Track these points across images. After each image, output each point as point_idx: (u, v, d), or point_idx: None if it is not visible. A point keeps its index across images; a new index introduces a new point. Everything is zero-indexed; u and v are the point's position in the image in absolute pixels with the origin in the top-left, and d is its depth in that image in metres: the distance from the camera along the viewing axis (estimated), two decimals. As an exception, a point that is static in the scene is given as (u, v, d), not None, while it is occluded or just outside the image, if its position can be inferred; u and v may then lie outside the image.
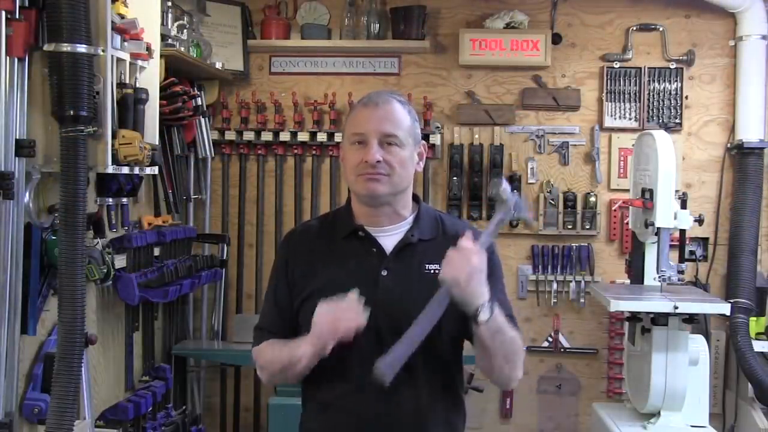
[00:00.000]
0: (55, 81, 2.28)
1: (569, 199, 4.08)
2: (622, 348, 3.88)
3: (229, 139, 4.12)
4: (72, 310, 2.28)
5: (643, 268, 3.50)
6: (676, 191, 3.36)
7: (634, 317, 3.35)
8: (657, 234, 3.32)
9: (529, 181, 4.12)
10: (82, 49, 2.26)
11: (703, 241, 4.09)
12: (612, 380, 4.08)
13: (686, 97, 4.08)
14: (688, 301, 3.19)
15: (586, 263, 4.08)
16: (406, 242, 1.92)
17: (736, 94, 4.03)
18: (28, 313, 2.37)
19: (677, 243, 3.42)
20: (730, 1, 3.93)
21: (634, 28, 4.10)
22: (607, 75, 4.09)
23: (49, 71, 2.30)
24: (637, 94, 4.08)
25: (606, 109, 4.09)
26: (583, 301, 4.09)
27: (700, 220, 3.44)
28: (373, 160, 1.84)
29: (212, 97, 4.08)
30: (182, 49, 3.44)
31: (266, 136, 4.11)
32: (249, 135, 4.11)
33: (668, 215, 3.30)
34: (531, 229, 4.10)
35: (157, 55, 2.97)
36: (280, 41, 4.15)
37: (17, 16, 2.26)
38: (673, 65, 4.07)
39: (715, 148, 4.10)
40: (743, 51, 3.98)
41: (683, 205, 3.36)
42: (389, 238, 1.93)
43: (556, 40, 4.09)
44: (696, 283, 3.99)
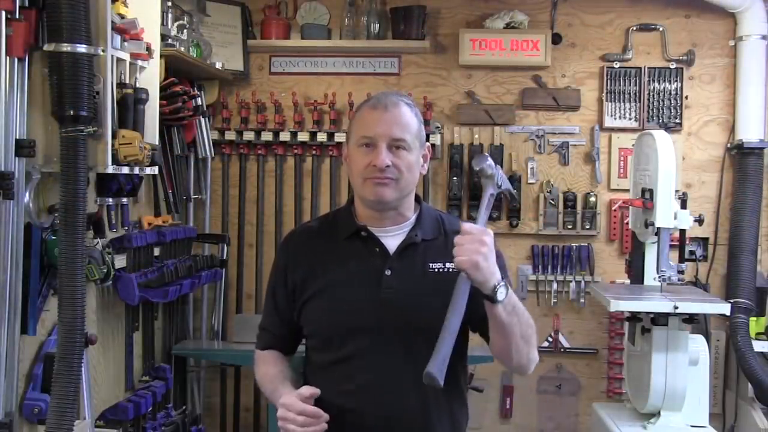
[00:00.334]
0: (55, 81, 2.27)
1: (569, 199, 4.08)
2: (622, 348, 3.88)
3: (229, 139, 4.12)
4: (72, 310, 2.28)
5: (643, 268, 3.50)
6: (676, 191, 3.36)
7: (634, 317, 3.35)
8: (657, 234, 3.32)
9: (529, 181, 4.12)
10: (82, 49, 2.26)
11: (703, 241, 4.09)
12: (612, 380, 4.08)
13: (686, 97, 4.08)
14: (688, 301, 3.19)
15: (586, 263, 4.08)
16: (409, 242, 1.93)
17: (736, 94, 4.03)
18: (28, 313, 2.37)
19: (677, 243, 3.42)
20: (730, 1, 3.93)
21: (634, 28, 4.10)
22: (607, 75, 4.09)
23: (49, 71, 2.30)
24: (637, 94, 4.08)
25: (606, 109, 4.09)
26: (583, 301, 4.10)
27: (700, 220, 3.44)
28: (382, 165, 1.85)
29: (212, 97, 4.08)
30: (182, 49, 3.44)
31: (266, 136, 4.11)
32: (249, 135, 4.11)
33: (668, 215, 3.30)
34: (531, 229, 4.11)
35: (157, 55, 2.97)
36: (280, 41, 4.15)
37: (17, 16, 2.26)
38: (673, 65, 4.07)
39: (715, 148, 4.10)
40: (743, 51, 3.98)
41: (683, 205, 3.36)
42: (392, 239, 1.93)
43: (556, 40, 4.09)
44: (696, 283, 3.99)
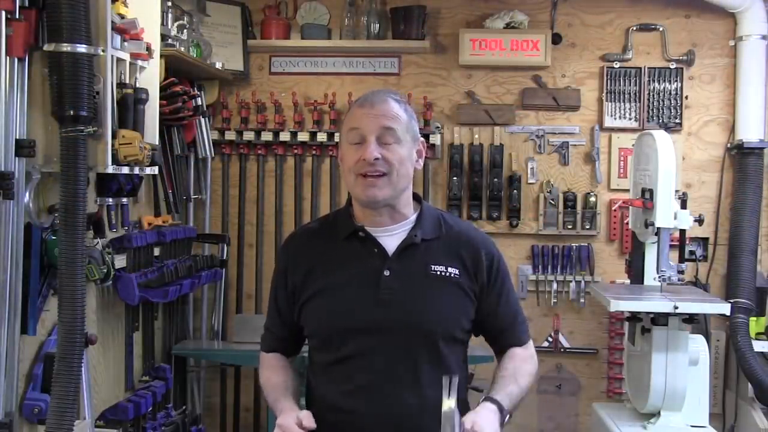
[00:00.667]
0: (55, 81, 2.27)
1: (569, 199, 4.08)
2: (622, 348, 3.88)
3: (229, 139, 4.12)
4: (72, 310, 2.28)
5: (643, 268, 3.50)
6: (676, 191, 3.36)
7: (634, 317, 3.35)
8: (657, 234, 3.32)
9: (529, 181, 4.12)
10: (82, 49, 2.26)
11: (703, 241, 4.09)
12: (612, 380, 4.08)
13: (686, 97, 4.08)
14: (688, 301, 3.18)
15: (586, 263, 4.08)
16: (409, 243, 1.92)
17: (736, 94, 4.03)
18: (28, 313, 2.37)
19: (677, 243, 3.42)
20: (730, 1, 3.93)
21: (634, 28, 4.10)
22: (607, 75, 4.09)
23: (49, 71, 2.30)
24: (637, 94, 4.08)
25: (606, 109, 4.09)
26: (583, 301, 4.09)
27: (700, 220, 3.44)
28: (371, 158, 1.83)
29: (212, 97, 4.08)
30: (182, 49, 3.44)
31: (266, 136, 4.11)
32: (249, 135, 4.11)
33: (668, 215, 3.30)
34: (531, 229, 4.11)
35: (157, 55, 2.97)
36: (280, 41, 4.15)
37: (17, 16, 2.26)
38: (673, 65, 4.07)
39: (715, 148, 4.10)
40: (743, 51, 3.98)
41: (683, 205, 3.35)
42: (391, 238, 1.92)
43: (556, 40, 4.09)
44: (696, 283, 3.99)
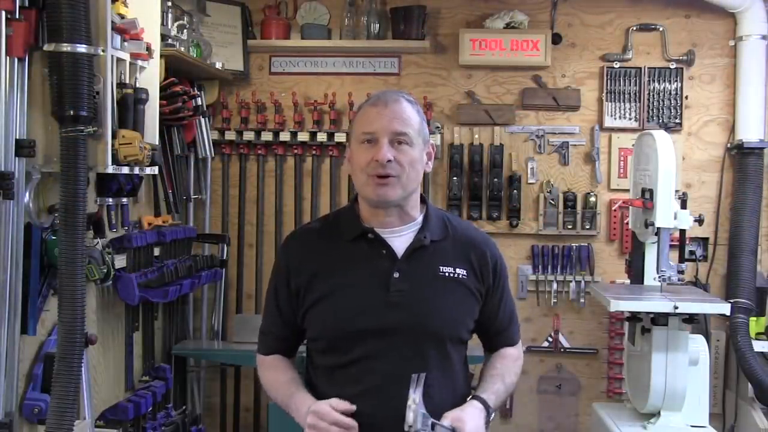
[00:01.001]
0: (55, 81, 2.28)
1: (569, 199, 4.08)
2: (622, 348, 3.88)
3: (229, 139, 4.12)
4: (72, 310, 2.28)
5: (643, 268, 3.50)
6: (676, 191, 3.36)
7: (634, 317, 3.35)
8: (657, 234, 3.32)
9: (529, 181, 4.12)
10: (82, 49, 2.26)
11: (703, 241, 4.09)
12: (612, 380, 4.08)
13: (686, 97, 4.08)
14: (688, 301, 3.18)
15: (586, 263, 4.08)
16: (418, 244, 1.91)
17: (736, 94, 4.03)
18: (28, 313, 2.37)
19: (677, 243, 3.42)
20: (730, 1, 3.93)
21: (634, 28, 4.10)
22: (607, 75, 4.09)
23: (49, 71, 2.30)
24: (637, 94, 4.08)
25: (606, 109, 4.09)
26: (583, 301, 4.09)
27: (700, 220, 3.44)
28: (384, 159, 1.82)
29: (212, 97, 4.08)
30: (182, 49, 3.44)
31: (266, 136, 4.11)
32: (249, 135, 4.11)
33: (668, 215, 3.30)
34: (531, 229, 4.11)
35: (157, 55, 2.97)
36: (280, 41, 4.15)
37: (17, 16, 2.26)
38: (673, 65, 4.07)
39: (715, 148, 4.10)
40: (743, 51, 3.98)
41: (683, 205, 3.35)
42: (399, 240, 1.92)
43: (556, 40, 4.09)
44: (696, 283, 3.99)
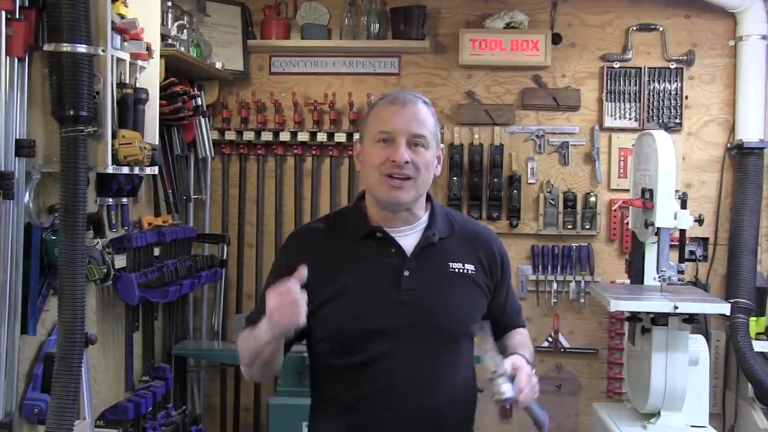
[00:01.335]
0: (55, 81, 2.28)
1: (569, 199, 4.08)
2: (622, 348, 3.88)
3: (229, 139, 4.13)
4: (72, 310, 2.28)
5: (643, 268, 3.50)
6: (676, 191, 3.36)
7: (634, 317, 3.35)
8: (657, 234, 3.32)
9: (529, 181, 4.12)
10: (82, 49, 2.26)
11: (703, 241, 4.09)
12: (612, 380, 4.08)
13: (686, 97, 4.08)
14: (688, 301, 3.18)
15: (586, 263, 4.08)
16: (427, 242, 1.90)
17: (736, 94, 4.03)
18: (28, 313, 2.37)
19: (677, 243, 3.42)
20: (730, 1, 3.93)
21: (634, 28, 4.10)
22: (607, 75, 4.09)
23: (49, 71, 2.30)
24: (637, 94, 4.09)
25: (606, 109, 4.09)
26: (583, 301, 4.09)
27: (700, 220, 3.44)
28: (401, 160, 1.81)
29: (212, 97, 4.08)
30: (182, 49, 3.44)
31: (266, 136, 4.11)
32: (249, 135, 4.11)
33: (668, 215, 3.30)
34: (531, 229, 4.11)
35: (157, 55, 2.97)
36: (280, 41, 4.15)
37: (17, 16, 2.26)
38: (673, 65, 4.07)
39: (715, 148, 4.10)
40: (743, 51, 3.98)
41: (683, 205, 3.36)
42: (406, 238, 1.90)
43: (556, 40, 4.09)
44: (696, 283, 3.99)
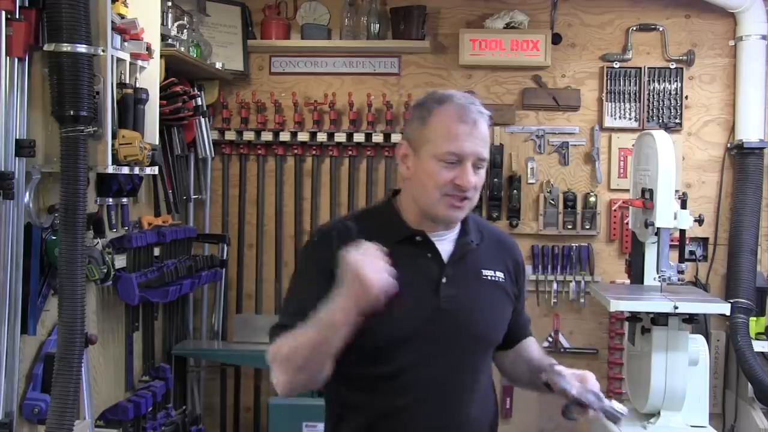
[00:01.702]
0: (55, 81, 2.28)
1: (569, 199, 4.08)
2: (622, 348, 3.88)
3: (229, 139, 4.12)
4: (72, 310, 2.29)
5: (643, 268, 3.50)
6: (676, 191, 3.36)
7: (634, 317, 3.35)
8: (657, 234, 3.32)
9: (529, 181, 4.12)
10: (82, 49, 2.26)
11: (703, 241, 4.09)
12: (612, 380, 4.08)
13: (686, 97, 4.08)
14: (688, 301, 3.18)
15: (586, 263, 4.08)
16: (466, 249, 1.83)
17: (736, 94, 4.03)
18: (28, 313, 2.37)
19: (677, 243, 3.42)
20: (730, 1, 3.93)
21: (634, 28, 4.10)
22: (607, 75, 4.09)
23: (49, 71, 2.30)
24: (637, 94, 4.09)
25: (606, 109, 4.09)
26: (583, 301, 4.10)
27: (700, 220, 3.44)
28: (470, 186, 1.72)
29: (212, 97, 4.08)
30: (182, 49, 3.44)
31: (266, 136, 4.11)
32: (249, 135, 4.11)
33: (668, 215, 3.30)
34: (531, 229, 4.11)
35: (157, 55, 2.97)
36: (280, 41, 4.15)
37: (17, 16, 2.26)
38: (673, 65, 4.07)
39: (715, 148, 4.10)
40: (743, 51, 3.98)
41: (683, 205, 3.36)
42: (442, 244, 1.82)
43: (556, 40, 4.09)
44: (696, 283, 4.00)
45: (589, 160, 4.11)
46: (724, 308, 3.27)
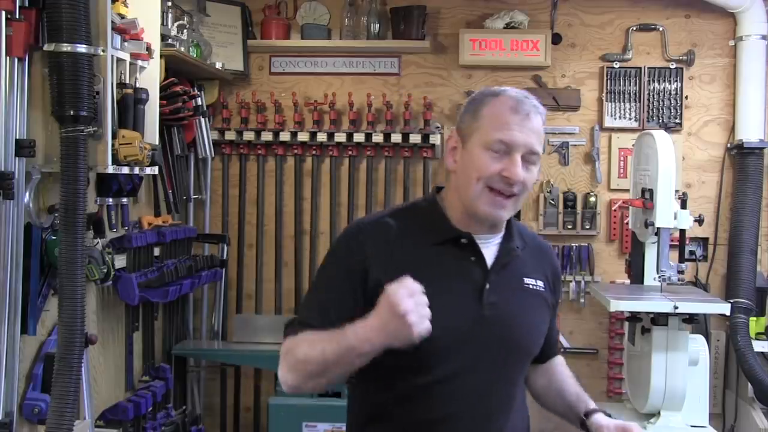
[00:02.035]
0: (55, 81, 2.28)
1: (569, 199, 4.08)
2: (622, 348, 3.88)
3: (229, 139, 4.12)
4: (72, 310, 2.29)
5: (643, 268, 3.50)
6: (676, 191, 3.36)
7: (634, 317, 3.35)
8: (657, 234, 3.32)
9: (529, 181, 4.11)
10: (82, 49, 2.26)
11: (703, 241, 4.09)
12: (612, 380, 4.08)
13: (686, 97, 4.08)
14: (688, 301, 3.18)
15: (586, 263, 4.08)
16: (512, 255, 1.73)
17: (736, 94, 4.03)
18: (28, 313, 2.37)
19: (677, 243, 3.42)
20: (730, 1, 3.93)
21: (634, 28, 4.10)
22: (607, 75, 4.09)
23: (49, 71, 2.30)
24: (637, 94, 4.09)
25: (606, 109, 4.09)
26: (583, 301, 4.10)
27: (700, 220, 3.44)
28: (517, 179, 1.62)
29: (212, 97, 4.08)
30: (182, 49, 3.44)
31: (266, 136, 4.11)
32: (249, 135, 4.11)
33: (668, 215, 3.30)
34: (531, 229, 4.10)
35: (157, 55, 2.97)
36: (280, 41, 4.15)
37: (17, 16, 2.26)
38: (673, 65, 4.07)
39: (715, 148, 4.10)
40: (743, 51, 3.98)
41: (683, 205, 3.35)
42: (486, 248, 1.72)
43: (556, 40, 4.09)
44: (696, 283, 3.99)
45: (589, 160, 4.11)
46: (724, 308, 3.27)
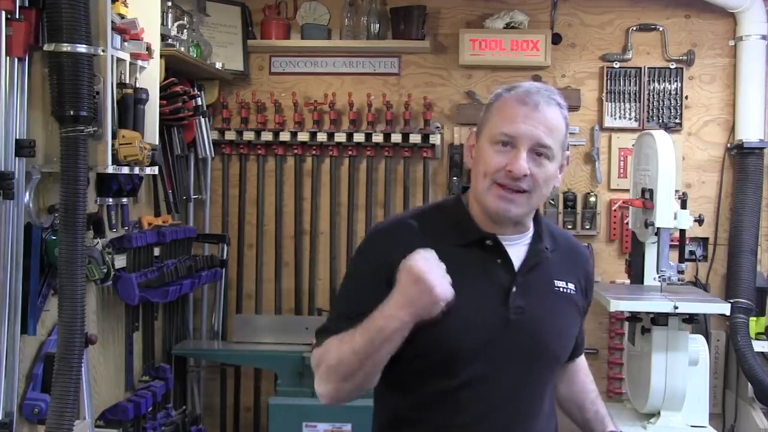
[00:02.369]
0: (55, 81, 2.28)
1: (569, 199, 4.08)
2: (622, 348, 3.88)
3: (229, 139, 4.12)
4: (72, 310, 2.28)
5: (643, 268, 3.50)
6: (676, 191, 3.36)
7: (634, 317, 3.35)
8: (657, 234, 3.32)
9: (529, 181, 4.11)
10: (82, 49, 2.26)
11: (703, 241, 4.09)
12: (612, 380, 4.08)
13: (686, 97, 4.08)
14: (688, 301, 3.18)
15: (586, 263, 4.07)
16: (540, 256, 1.67)
17: (736, 94, 4.03)
18: (28, 313, 2.37)
19: (677, 243, 3.42)
20: (730, 1, 3.93)
21: (634, 28, 4.10)
22: (607, 75, 4.09)
23: (49, 71, 2.30)
24: (637, 94, 4.09)
25: (606, 109, 4.09)
26: (583, 301, 4.09)
27: (700, 220, 3.44)
28: (519, 173, 1.55)
29: (212, 97, 4.08)
30: (182, 49, 3.44)
31: (266, 136, 4.11)
32: (249, 135, 4.11)
33: (668, 215, 3.30)
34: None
35: (157, 55, 2.97)
36: (280, 41, 4.15)
37: (17, 16, 2.26)
38: (673, 65, 4.07)
39: (715, 148, 4.10)
40: (743, 51, 3.98)
41: (683, 205, 3.35)
42: (513, 250, 1.66)
43: (556, 40, 4.09)
44: (696, 283, 3.99)
45: (589, 160, 4.11)
46: (724, 308, 3.27)
